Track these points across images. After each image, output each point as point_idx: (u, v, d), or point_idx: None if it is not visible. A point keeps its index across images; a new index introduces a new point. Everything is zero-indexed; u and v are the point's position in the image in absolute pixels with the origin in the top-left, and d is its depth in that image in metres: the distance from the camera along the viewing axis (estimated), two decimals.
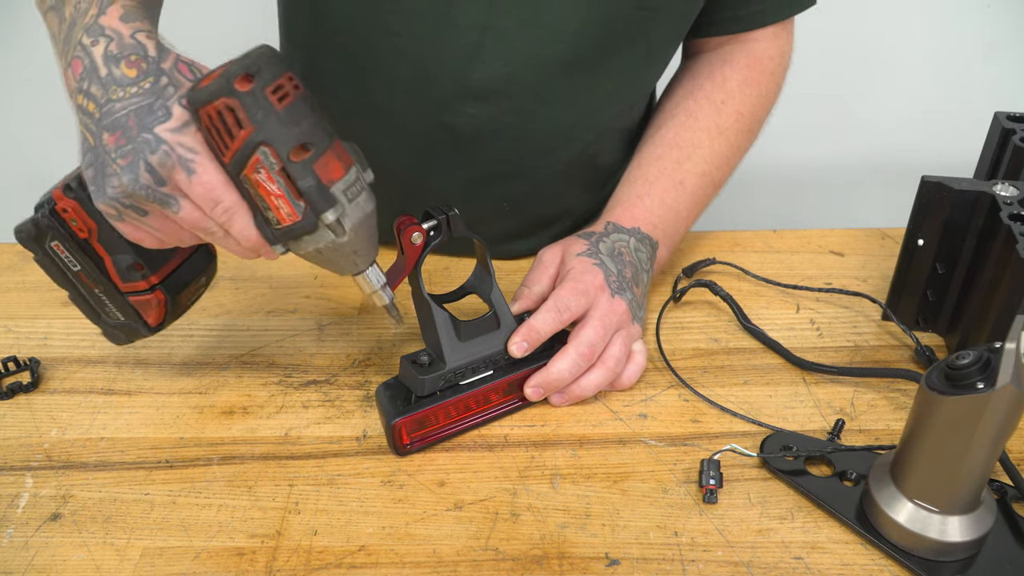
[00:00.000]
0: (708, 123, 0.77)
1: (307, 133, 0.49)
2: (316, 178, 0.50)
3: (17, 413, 0.66)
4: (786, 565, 0.53)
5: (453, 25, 0.68)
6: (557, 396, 0.65)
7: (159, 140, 0.49)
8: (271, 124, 0.48)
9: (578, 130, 0.77)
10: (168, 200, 0.50)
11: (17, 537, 0.55)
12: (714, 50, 0.81)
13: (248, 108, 0.48)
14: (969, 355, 0.47)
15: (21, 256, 0.85)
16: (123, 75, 0.50)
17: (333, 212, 0.51)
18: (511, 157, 0.77)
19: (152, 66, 0.51)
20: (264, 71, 0.47)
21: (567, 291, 0.64)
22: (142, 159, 0.49)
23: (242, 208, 0.51)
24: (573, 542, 0.55)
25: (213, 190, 0.50)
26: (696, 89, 0.79)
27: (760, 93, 0.80)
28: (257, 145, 0.48)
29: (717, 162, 0.77)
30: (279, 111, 0.48)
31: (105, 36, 0.51)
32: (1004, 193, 0.65)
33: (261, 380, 0.69)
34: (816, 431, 0.63)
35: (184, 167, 0.49)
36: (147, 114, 0.49)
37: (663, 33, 0.74)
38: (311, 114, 0.50)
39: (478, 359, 0.62)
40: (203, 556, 0.54)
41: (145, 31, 0.52)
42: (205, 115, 0.48)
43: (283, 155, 0.49)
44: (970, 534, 0.51)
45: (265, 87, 0.47)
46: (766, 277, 0.79)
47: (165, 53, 0.52)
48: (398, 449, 0.61)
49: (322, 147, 0.50)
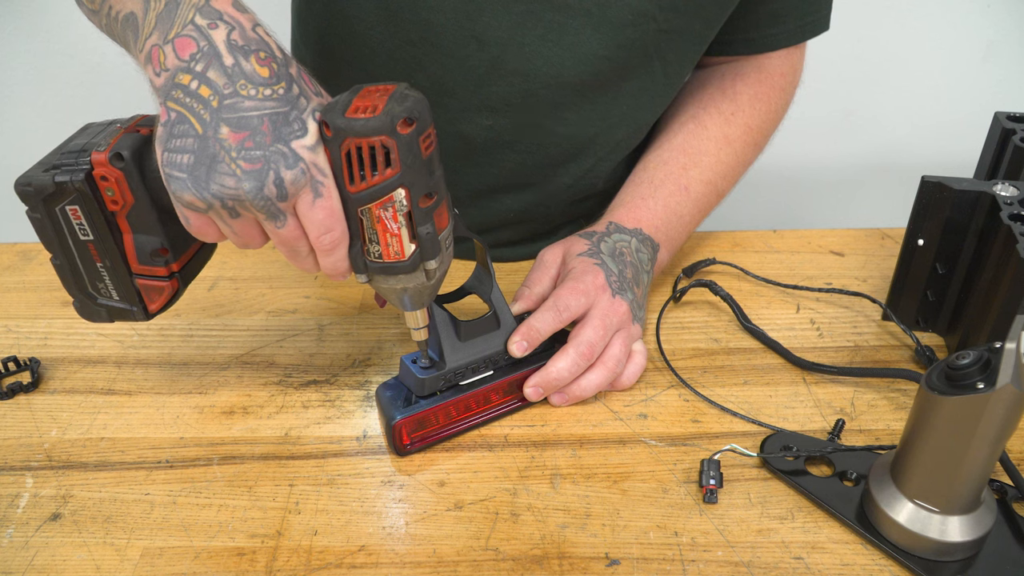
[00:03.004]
0: (716, 133, 0.77)
1: (437, 183, 0.52)
2: (433, 226, 0.52)
3: (17, 413, 0.66)
4: (786, 565, 0.53)
5: (475, 40, 0.68)
6: (557, 396, 0.65)
7: (297, 157, 0.48)
8: (415, 169, 0.50)
9: (591, 147, 0.77)
10: (279, 215, 0.49)
11: (17, 537, 0.55)
12: (726, 64, 0.81)
13: (402, 151, 0.49)
14: (969, 355, 0.47)
15: (21, 256, 0.85)
16: (254, 71, 0.48)
17: (436, 260, 0.54)
18: (522, 170, 0.77)
19: (282, 70, 0.49)
20: (421, 120, 0.49)
21: (567, 291, 0.64)
22: (273, 170, 0.47)
23: (346, 238, 0.52)
24: (573, 542, 0.55)
25: (331, 217, 0.50)
26: (706, 99, 0.79)
27: (770, 108, 0.80)
28: (397, 186, 0.50)
29: (723, 171, 0.77)
30: (424, 158, 0.50)
31: (224, 22, 0.49)
32: (1004, 193, 0.65)
33: (261, 380, 0.69)
34: (816, 431, 0.63)
35: (314, 189, 0.49)
36: (283, 124, 0.48)
37: (680, 56, 0.74)
38: (440, 166, 0.52)
39: (478, 359, 0.62)
40: (203, 556, 0.54)
41: (262, 26, 0.50)
42: (354, 145, 0.48)
43: (415, 199, 0.51)
44: (970, 534, 0.51)
45: (420, 134, 0.49)
46: (766, 277, 0.79)
47: (288, 56, 0.50)
48: (398, 449, 0.61)
49: (441, 198, 0.53)
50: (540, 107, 0.72)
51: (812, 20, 0.77)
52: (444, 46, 0.69)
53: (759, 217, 1.43)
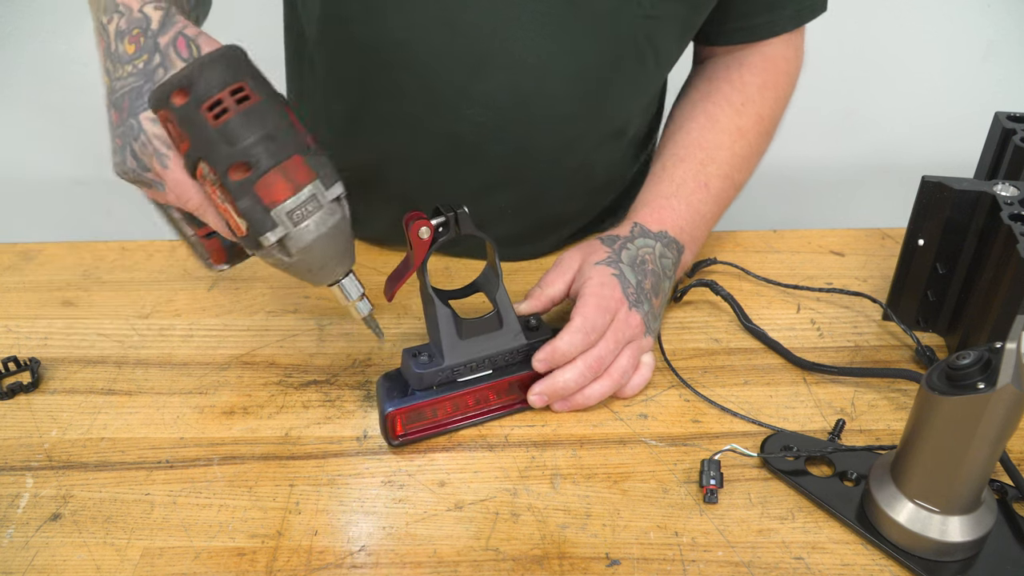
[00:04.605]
0: (729, 125, 0.77)
1: (243, 152, 0.47)
2: (255, 199, 0.48)
3: (17, 413, 0.66)
4: (786, 565, 0.53)
5: (460, 35, 0.68)
6: (560, 403, 0.64)
7: (140, 129, 0.50)
8: (205, 141, 0.47)
9: (582, 139, 0.77)
10: (155, 183, 0.52)
11: (17, 537, 0.55)
12: (728, 53, 0.80)
13: (182, 124, 0.47)
14: (969, 355, 0.47)
15: (21, 256, 0.85)
16: (124, 51, 0.51)
17: (273, 234, 0.50)
18: (514, 164, 0.77)
19: (149, 41, 0.50)
20: (199, 85, 0.46)
21: (593, 309, 0.63)
22: (128, 144, 0.51)
23: (210, 209, 0.52)
24: (573, 542, 0.55)
25: (180, 187, 0.51)
26: (714, 92, 0.78)
27: (778, 96, 0.79)
28: (197, 159, 0.48)
29: (738, 164, 0.77)
30: (214, 128, 0.47)
31: (118, 12, 0.52)
32: (1004, 193, 0.65)
33: (261, 380, 0.69)
34: (816, 431, 0.63)
35: (159, 160, 0.50)
36: (136, 98, 0.50)
37: (668, 42, 0.74)
38: (258, 130, 0.47)
39: (477, 358, 0.62)
40: (203, 556, 0.54)
41: (154, 1, 0.52)
42: (160, 118, 0.48)
43: (220, 173, 0.48)
44: (970, 534, 0.51)
45: (200, 103, 0.47)
46: (767, 277, 0.79)
47: (169, 25, 0.51)
48: (390, 439, 0.61)
49: (263, 167, 0.48)
50: (528, 99, 0.72)
51: (811, 3, 0.77)
52: (430, 41, 0.69)
53: (759, 217, 1.43)
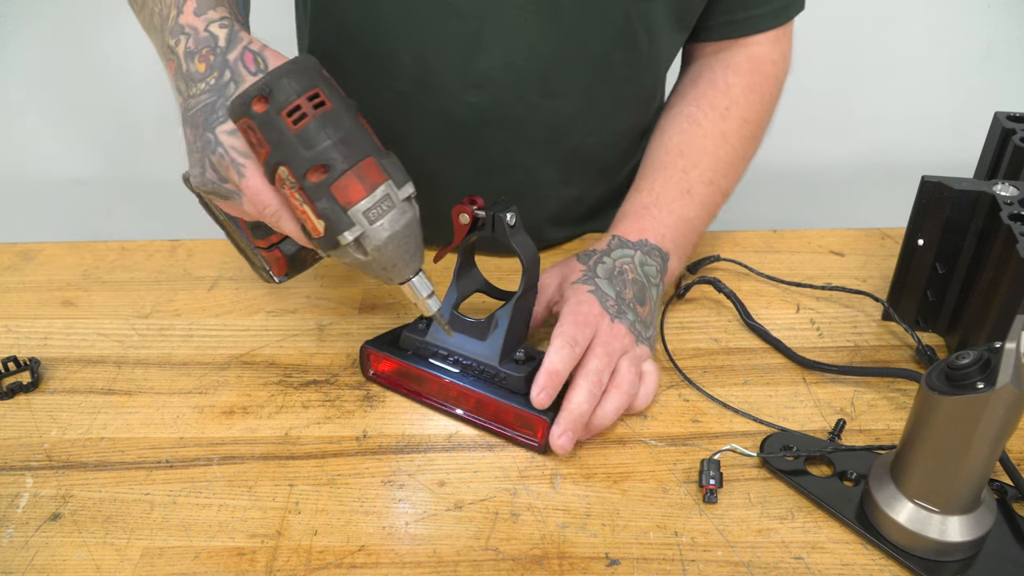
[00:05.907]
0: (712, 129, 0.76)
1: (321, 155, 0.49)
2: (332, 200, 0.50)
3: (17, 413, 0.66)
4: (786, 565, 0.53)
5: (454, 13, 0.68)
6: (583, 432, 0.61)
7: (218, 142, 0.52)
8: (286, 146, 0.49)
9: (578, 122, 0.77)
10: (232, 194, 0.54)
11: (17, 537, 0.55)
12: (714, 54, 0.80)
13: (263, 130, 0.49)
14: (969, 355, 0.47)
15: (21, 256, 0.85)
16: (196, 70, 0.53)
17: (351, 233, 0.51)
18: (511, 147, 0.77)
19: (219, 59, 0.53)
20: (278, 92, 0.48)
21: (570, 325, 0.62)
22: (207, 158, 0.53)
23: (286, 214, 0.53)
24: (573, 542, 0.55)
25: (258, 194, 0.52)
26: (699, 95, 0.78)
27: (763, 99, 0.79)
28: (277, 164, 0.50)
29: (723, 170, 0.76)
30: (294, 133, 0.49)
31: (184, 34, 0.54)
32: (1004, 193, 0.65)
33: (261, 380, 0.69)
34: (816, 431, 0.63)
35: (236, 170, 0.52)
36: (210, 113, 0.52)
37: (663, 23, 0.73)
38: (334, 134, 0.49)
39: (449, 350, 0.64)
40: (203, 556, 0.54)
41: (219, 20, 0.54)
42: (241, 127, 0.50)
43: (299, 175, 0.50)
44: (970, 534, 0.51)
45: (280, 110, 0.48)
46: (769, 275, 0.79)
47: (235, 42, 0.53)
48: (364, 371, 0.68)
49: (339, 169, 0.50)
50: (522, 80, 0.72)
51: None
52: (423, 22, 0.69)
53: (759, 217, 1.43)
